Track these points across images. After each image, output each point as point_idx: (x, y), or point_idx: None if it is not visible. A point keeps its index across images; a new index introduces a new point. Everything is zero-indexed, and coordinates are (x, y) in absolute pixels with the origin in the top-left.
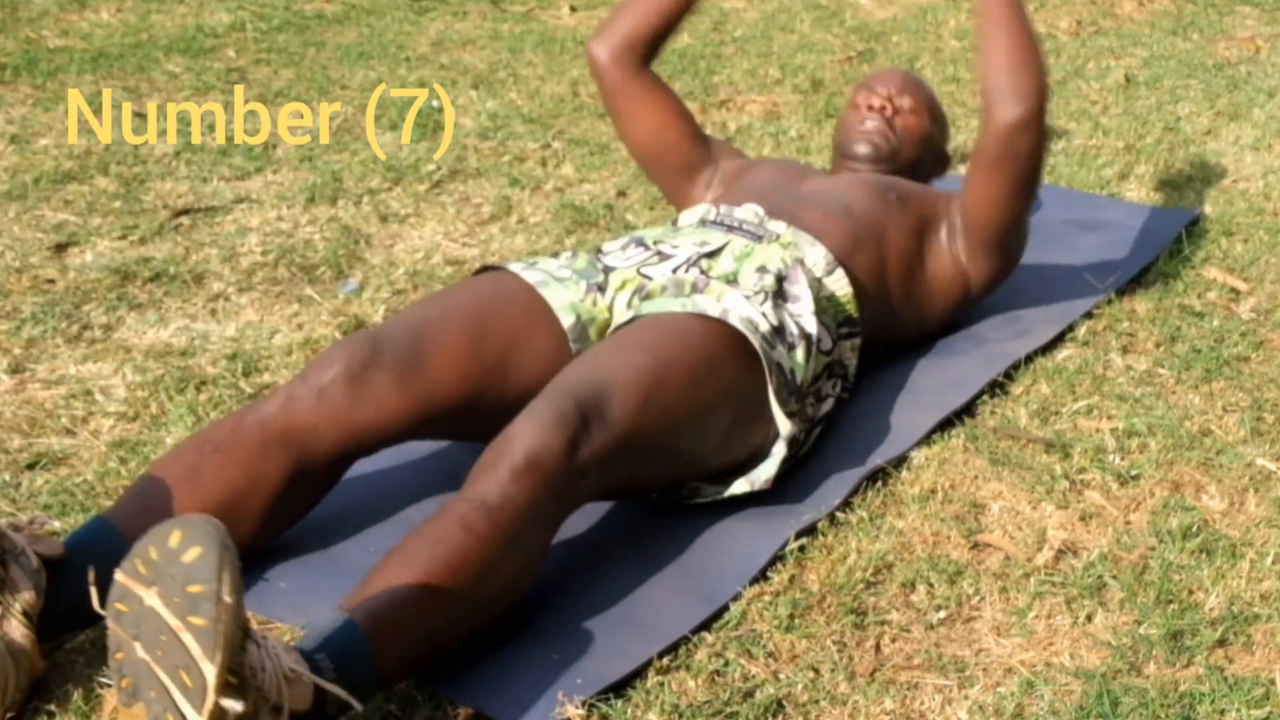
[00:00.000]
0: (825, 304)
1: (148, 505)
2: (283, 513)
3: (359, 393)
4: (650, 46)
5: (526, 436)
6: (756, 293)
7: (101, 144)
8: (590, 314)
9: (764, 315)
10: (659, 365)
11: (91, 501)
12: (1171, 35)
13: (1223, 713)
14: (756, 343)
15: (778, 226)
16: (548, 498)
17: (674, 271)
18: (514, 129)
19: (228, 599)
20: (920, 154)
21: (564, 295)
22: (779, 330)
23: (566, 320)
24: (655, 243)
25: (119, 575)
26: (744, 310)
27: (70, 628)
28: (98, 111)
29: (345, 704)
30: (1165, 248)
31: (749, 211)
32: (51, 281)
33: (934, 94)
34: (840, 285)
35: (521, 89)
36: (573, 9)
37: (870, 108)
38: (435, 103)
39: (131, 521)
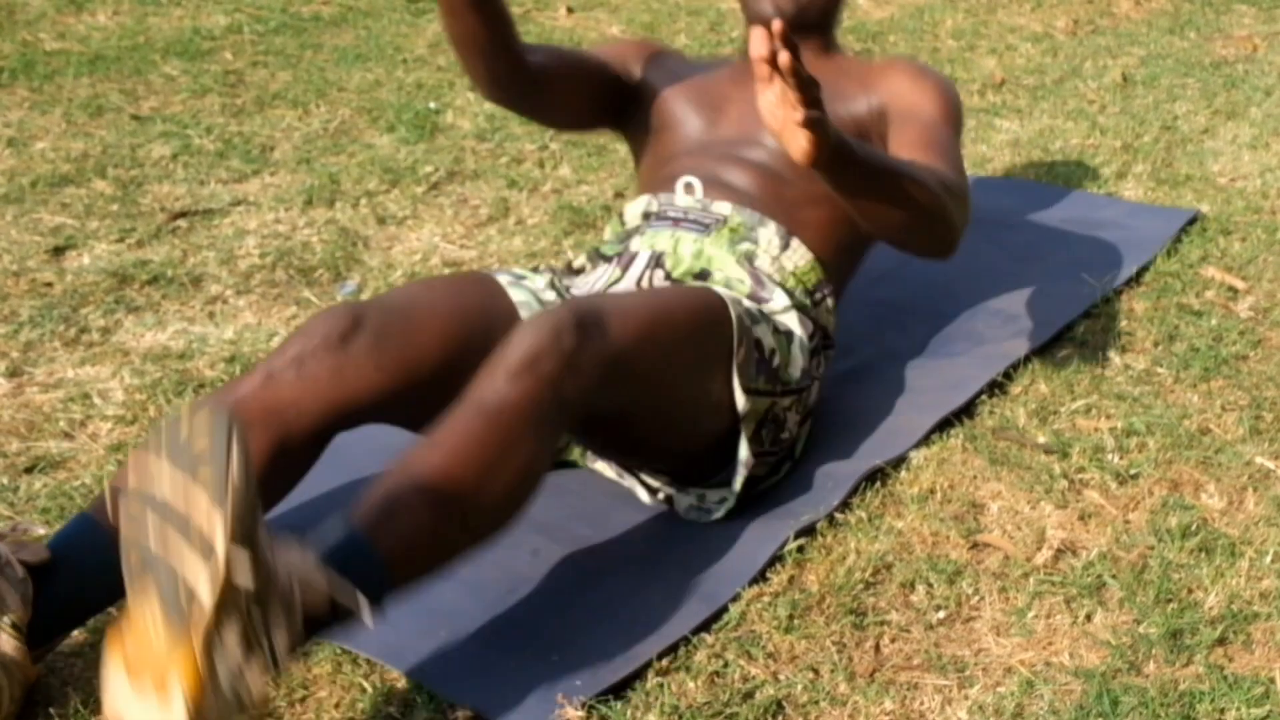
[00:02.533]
0: (792, 282)
1: None
2: (267, 492)
3: (339, 364)
4: (504, 61)
5: (525, 340)
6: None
7: (99, 147)
8: None
9: (742, 301)
10: (659, 304)
11: (90, 505)
12: (1169, 34)
13: (1222, 711)
14: (733, 311)
15: (722, 208)
16: (544, 399)
17: (638, 284)
18: (511, 130)
19: (237, 454)
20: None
21: None
22: (760, 314)
23: None
24: (616, 254)
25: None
26: (724, 292)
27: (60, 631)
28: (95, 115)
29: (350, 608)
30: (1163, 247)
31: (686, 197)
32: (49, 285)
33: None
34: (800, 255)
35: None
36: (569, 10)
37: None
38: (433, 104)
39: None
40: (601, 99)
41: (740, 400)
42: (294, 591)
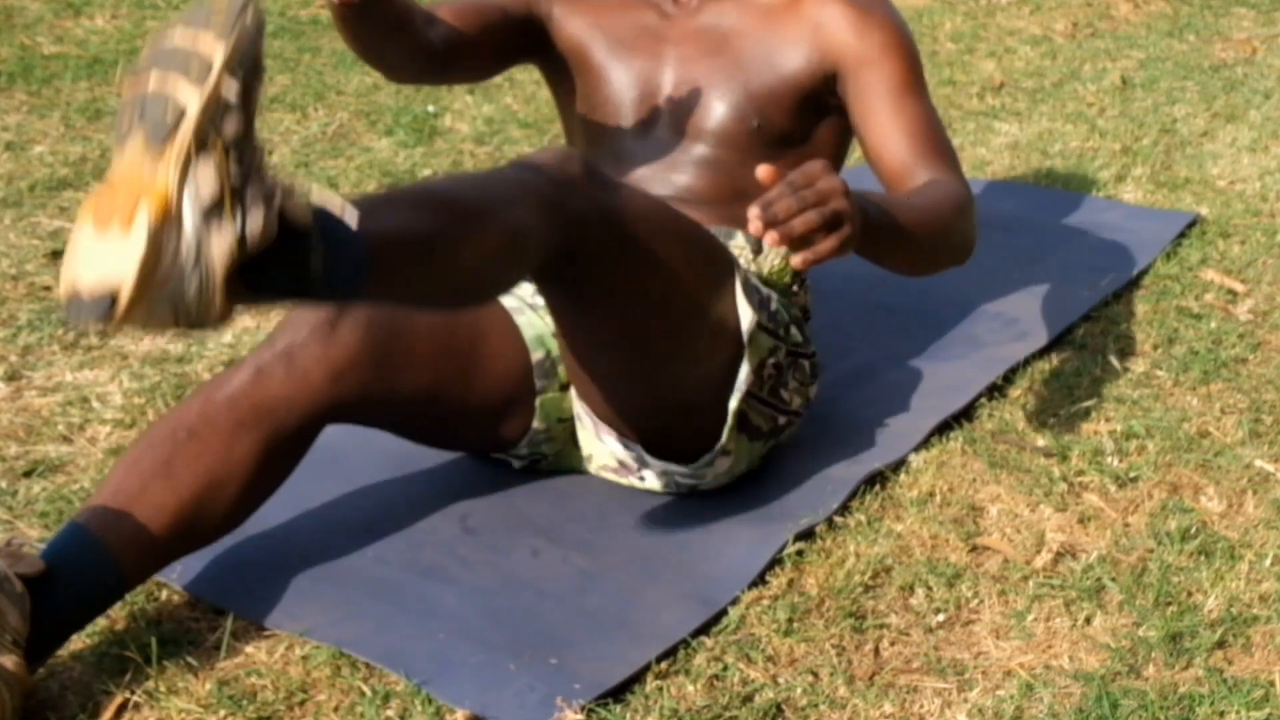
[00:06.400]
0: (773, 281)
1: (123, 506)
2: (259, 490)
3: (330, 355)
4: (415, 54)
5: (535, 155)
6: None
7: (97, 151)
8: (560, 351)
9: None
10: (665, 205)
11: (80, 513)
12: (1168, 37)
13: (1222, 714)
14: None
15: None
16: (544, 192)
17: None
18: (510, 134)
19: (251, 10)
20: None
21: (537, 326)
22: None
23: (536, 354)
24: None
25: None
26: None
27: (56, 644)
28: (93, 118)
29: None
30: (1162, 250)
31: None
32: (48, 288)
33: None
34: (774, 254)
35: (517, 94)
36: None
37: None
38: (431, 108)
39: (108, 528)
40: (512, 47)
41: (745, 313)
42: (275, 189)
